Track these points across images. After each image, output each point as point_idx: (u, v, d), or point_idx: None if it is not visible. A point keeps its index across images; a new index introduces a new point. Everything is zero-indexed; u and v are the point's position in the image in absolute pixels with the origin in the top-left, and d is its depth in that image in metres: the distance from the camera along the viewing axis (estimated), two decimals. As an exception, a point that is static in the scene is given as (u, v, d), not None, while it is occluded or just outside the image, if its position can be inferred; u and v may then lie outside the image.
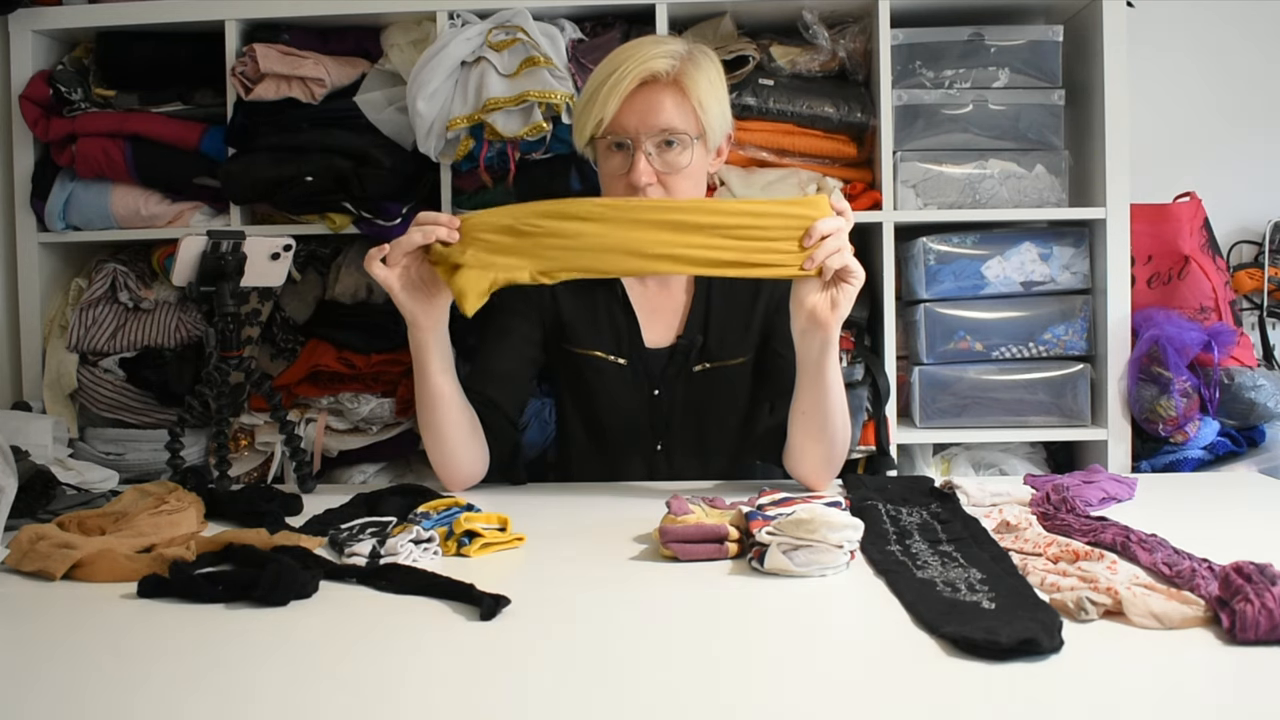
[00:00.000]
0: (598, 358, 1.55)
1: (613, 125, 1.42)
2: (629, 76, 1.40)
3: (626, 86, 1.40)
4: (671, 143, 1.43)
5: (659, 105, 1.41)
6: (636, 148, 1.42)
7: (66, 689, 0.81)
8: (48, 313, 1.99)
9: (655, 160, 1.43)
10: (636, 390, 1.56)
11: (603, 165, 1.48)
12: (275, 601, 0.98)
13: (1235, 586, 0.86)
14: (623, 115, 1.41)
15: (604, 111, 1.41)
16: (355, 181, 1.82)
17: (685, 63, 1.43)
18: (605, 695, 0.79)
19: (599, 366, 1.55)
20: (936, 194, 1.87)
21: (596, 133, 1.44)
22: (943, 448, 1.96)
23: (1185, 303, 1.95)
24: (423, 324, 1.38)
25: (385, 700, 0.78)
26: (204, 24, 1.90)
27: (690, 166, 1.45)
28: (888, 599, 0.98)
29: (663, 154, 1.43)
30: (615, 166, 1.45)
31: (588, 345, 1.56)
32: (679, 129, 1.43)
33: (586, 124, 1.44)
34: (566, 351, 1.57)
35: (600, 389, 1.56)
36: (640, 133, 1.42)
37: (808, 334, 1.34)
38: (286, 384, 1.88)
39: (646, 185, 1.42)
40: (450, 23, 1.86)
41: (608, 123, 1.42)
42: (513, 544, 1.19)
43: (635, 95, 1.41)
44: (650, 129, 1.42)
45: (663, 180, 1.44)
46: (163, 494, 1.33)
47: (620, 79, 1.40)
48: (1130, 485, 1.42)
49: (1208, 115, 2.24)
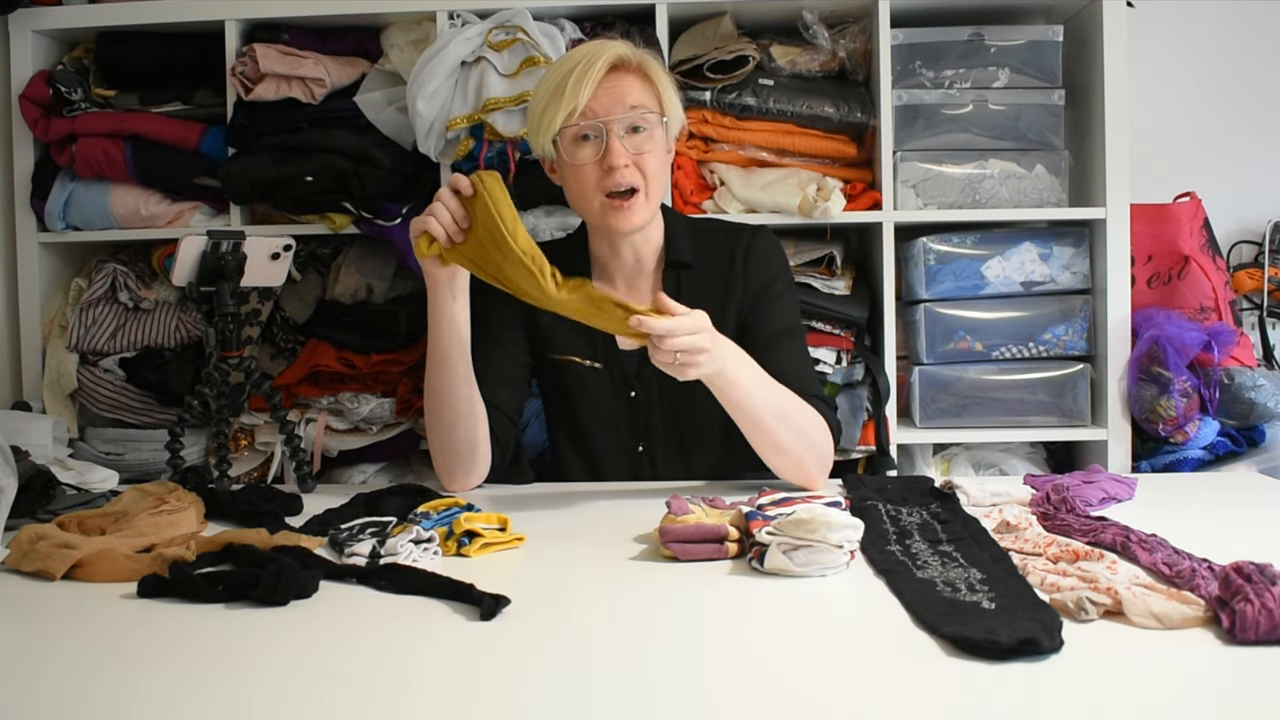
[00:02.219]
0: (575, 363, 1.56)
1: (586, 111, 1.44)
2: (600, 60, 1.44)
3: (599, 71, 1.44)
4: (639, 128, 1.46)
5: (627, 87, 1.46)
6: (609, 132, 1.44)
7: (67, 689, 0.81)
8: (48, 313, 1.99)
9: (626, 144, 1.45)
10: (614, 393, 1.56)
11: (570, 159, 1.48)
12: (275, 601, 0.98)
13: (1235, 586, 0.86)
14: (595, 100, 1.44)
15: (576, 100, 1.43)
16: (355, 181, 1.82)
17: (643, 54, 1.49)
18: (605, 695, 0.79)
19: (577, 371, 1.57)
20: (936, 194, 1.87)
21: (568, 123, 1.45)
22: (943, 448, 1.96)
23: (1185, 303, 1.95)
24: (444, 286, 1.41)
25: (385, 700, 0.78)
26: (204, 24, 1.90)
27: (656, 151, 1.48)
28: (888, 599, 0.98)
29: (631, 138, 1.46)
30: (587, 156, 1.46)
31: (565, 350, 1.57)
32: (648, 108, 1.46)
33: (555, 119, 1.45)
34: (547, 359, 1.58)
35: (580, 393, 1.57)
36: (612, 115, 1.45)
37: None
38: (286, 384, 1.88)
39: (623, 166, 1.44)
40: (450, 23, 1.86)
41: (581, 109, 1.44)
42: (513, 544, 1.19)
43: (604, 80, 1.45)
44: (622, 110, 1.45)
45: (636, 162, 1.46)
46: (163, 494, 1.33)
47: (589, 66, 1.43)
48: (1130, 485, 1.42)
49: (1208, 115, 2.24)
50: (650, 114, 1.46)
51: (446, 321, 1.42)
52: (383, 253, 1.93)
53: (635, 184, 1.45)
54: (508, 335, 1.57)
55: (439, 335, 1.43)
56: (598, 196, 1.46)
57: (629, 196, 1.45)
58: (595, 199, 1.47)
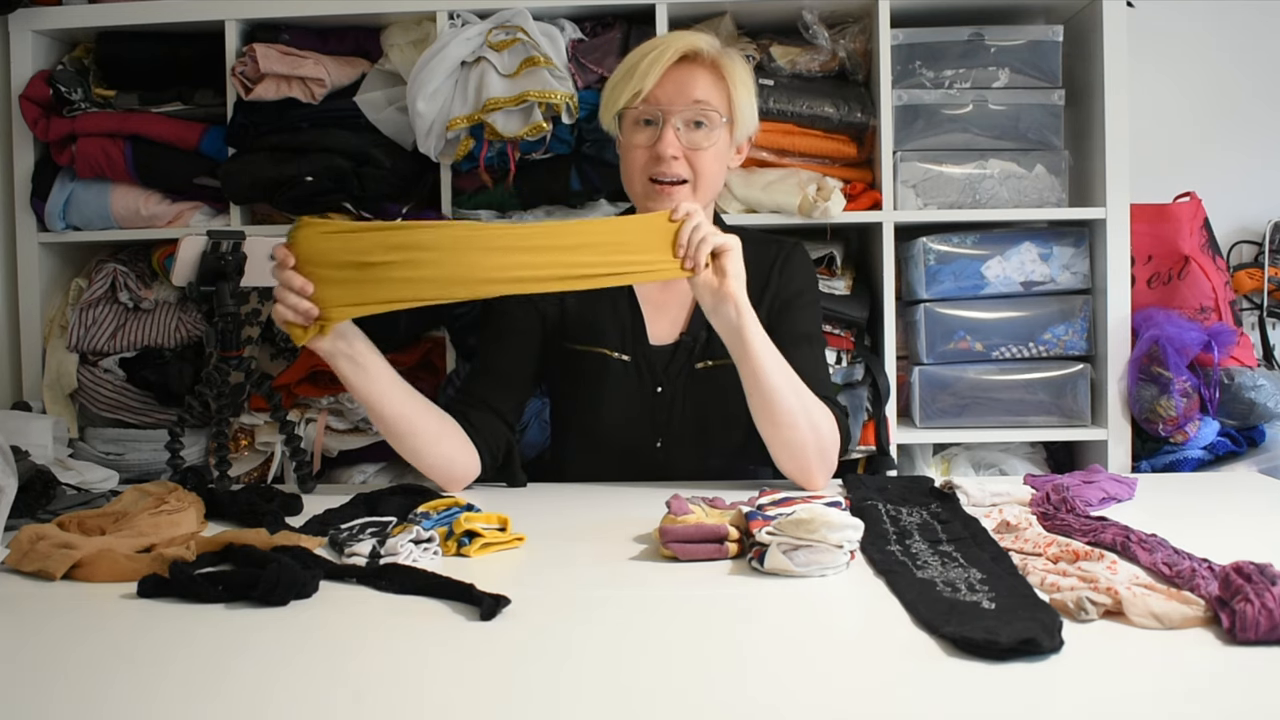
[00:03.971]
0: (600, 354, 1.55)
1: (649, 97, 1.46)
2: (671, 49, 1.45)
3: (669, 59, 1.45)
4: (700, 123, 1.47)
5: (695, 80, 1.46)
6: (666, 122, 1.46)
7: (66, 689, 0.81)
8: (48, 313, 1.99)
9: (682, 136, 1.46)
10: (639, 387, 1.56)
11: (627, 138, 1.51)
12: (275, 601, 0.98)
13: (1235, 586, 0.86)
14: (660, 87, 1.45)
15: (643, 83, 1.45)
16: (355, 181, 1.82)
17: (724, 52, 1.50)
18: (605, 695, 0.79)
19: (601, 363, 1.55)
20: (936, 194, 1.87)
21: (631, 104, 1.47)
22: (943, 448, 1.96)
23: (1185, 303, 1.95)
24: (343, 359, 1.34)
25: (385, 700, 0.78)
26: (204, 24, 1.90)
27: (715, 148, 1.48)
28: (888, 599, 0.98)
29: (690, 132, 1.47)
30: (642, 139, 1.48)
31: (590, 342, 1.56)
32: (708, 109, 1.46)
33: (621, 96, 1.48)
34: (566, 349, 1.57)
35: (601, 386, 1.56)
36: (673, 106, 1.46)
37: (718, 311, 1.36)
38: (286, 384, 1.88)
39: (672, 157, 1.45)
40: (450, 23, 1.86)
41: (645, 94, 1.46)
42: (513, 544, 1.19)
43: (674, 69, 1.46)
44: (685, 102, 1.46)
45: (688, 157, 1.47)
46: (163, 494, 1.33)
47: (663, 53, 1.45)
48: (1130, 485, 1.42)
49: (1208, 115, 2.24)
50: (712, 111, 1.47)
51: (368, 390, 1.37)
52: (383, 253, 1.93)
53: (684, 176, 1.47)
54: (515, 330, 1.56)
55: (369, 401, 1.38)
56: (642, 179, 1.48)
57: (676, 185, 1.47)
58: (639, 181, 1.49)
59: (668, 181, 1.46)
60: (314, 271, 1.28)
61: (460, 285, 1.29)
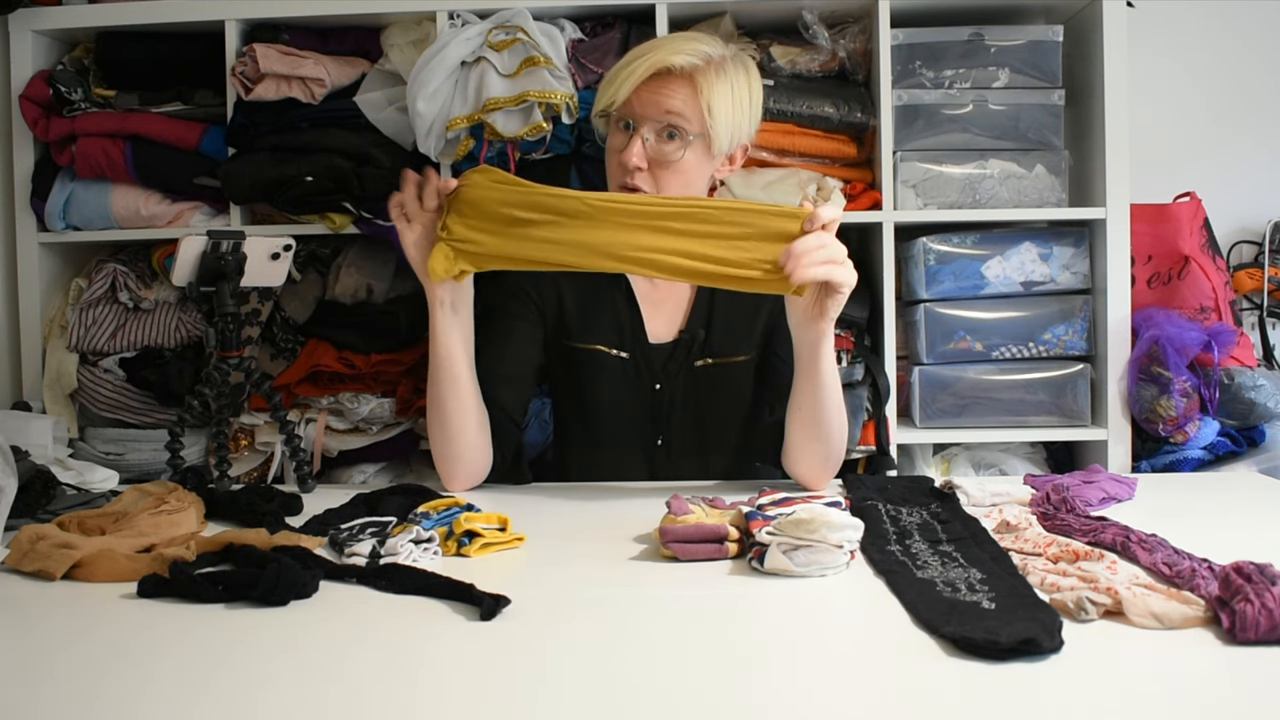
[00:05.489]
0: (599, 351, 1.56)
1: (622, 107, 1.49)
2: (645, 65, 1.46)
3: (641, 74, 1.46)
4: (673, 135, 1.47)
5: (666, 96, 1.47)
6: (637, 131, 1.48)
7: (66, 689, 0.81)
8: (48, 313, 1.99)
9: (650, 147, 1.47)
10: (638, 384, 1.56)
11: (609, 139, 1.54)
12: (275, 601, 0.98)
13: (1235, 586, 0.86)
14: (635, 96, 1.47)
15: (616, 94, 1.48)
16: (355, 181, 1.82)
17: (709, 65, 1.47)
18: (605, 695, 0.79)
19: (600, 360, 1.56)
20: (936, 194, 1.87)
21: (607, 109, 1.50)
22: (943, 448, 1.96)
23: (1185, 303, 1.95)
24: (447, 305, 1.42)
25: (385, 700, 0.78)
26: (204, 24, 1.90)
27: (682, 162, 1.48)
28: (888, 599, 0.98)
29: (660, 143, 1.48)
30: (616, 143, 1.51)
31: (589, 339, 1.56)
32: (680, 122, 1.47)
33: (602, 98, 1.51)
34: (566, 347, 1.57)
35: (600, 383, 1.56)
36: (644, 118, 1.47)
37: (801, 329, 1.38)
38: (286, 384, 1.88)
39: (635, 168, 1.47)
40: (450, 23, 1.86)
41: (620, 102, 1.48)
42: (513, 544, 1.19)
43: (648, 82, 1.47)
44: (653, 117, 1.47)
45: (652, 168, 1.48)
46: (163, 494, 1.33)
47: (638, 66, 1.46)
48: (1130, 485, 1.43)
49: (1208, 115, 2.24)
50: (684, 124, 1.47)
51: (450, 339, 1.43)
52: (383, 253, 1.93)
53: (644, 187, 1.47)
54: (517, 329, 1.57)
55: (447, 352, 1.43)
56: (616, 184, 1.52)
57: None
58: (614, 185, 1.52)
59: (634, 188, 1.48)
60: (466, 219, 1.36)
61: (594, 256, 1.34)
